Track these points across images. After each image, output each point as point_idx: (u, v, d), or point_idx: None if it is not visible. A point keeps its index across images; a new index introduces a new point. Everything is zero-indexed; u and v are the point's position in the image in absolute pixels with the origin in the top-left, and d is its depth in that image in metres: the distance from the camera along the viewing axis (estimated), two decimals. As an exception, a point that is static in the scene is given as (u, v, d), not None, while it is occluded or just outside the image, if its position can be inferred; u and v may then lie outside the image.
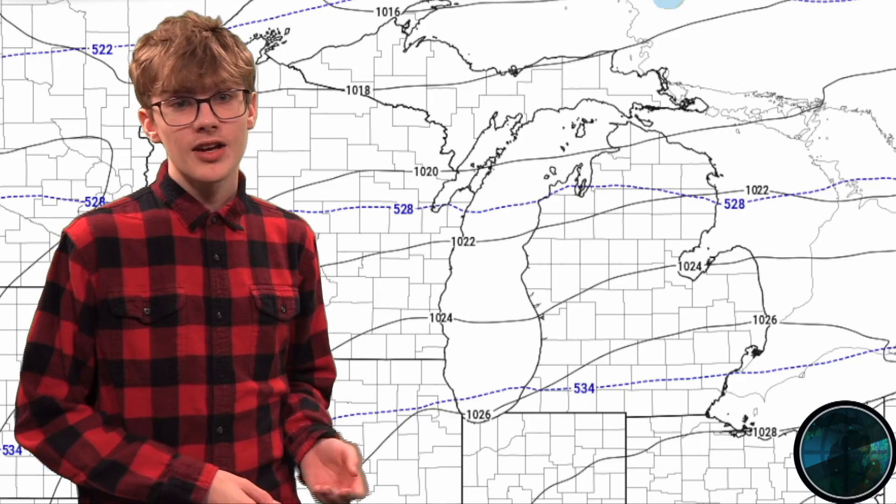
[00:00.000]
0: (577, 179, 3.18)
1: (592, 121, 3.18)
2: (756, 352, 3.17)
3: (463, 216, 3.19)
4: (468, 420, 3.19)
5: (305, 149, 3.18)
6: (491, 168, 3.18)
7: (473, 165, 3.19)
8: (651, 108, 3.17)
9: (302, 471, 2.02)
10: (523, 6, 3.17)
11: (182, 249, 1.96)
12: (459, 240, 3.19)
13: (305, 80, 3.18)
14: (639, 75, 3.17)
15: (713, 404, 3.18)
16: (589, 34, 3.17)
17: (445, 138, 3.19)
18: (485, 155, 3.19)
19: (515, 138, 3.18)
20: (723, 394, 3.17)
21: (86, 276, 1.92)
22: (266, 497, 1.91)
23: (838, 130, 3.16)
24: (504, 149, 3.18)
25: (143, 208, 1.98)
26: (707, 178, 3.18)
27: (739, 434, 3.18)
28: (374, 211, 3.19)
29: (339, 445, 1.99)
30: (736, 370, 3.17)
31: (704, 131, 3.17)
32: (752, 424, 3.17)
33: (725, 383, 3.17)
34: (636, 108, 3.17)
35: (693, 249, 3.18)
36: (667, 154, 3.18)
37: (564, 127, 3.19)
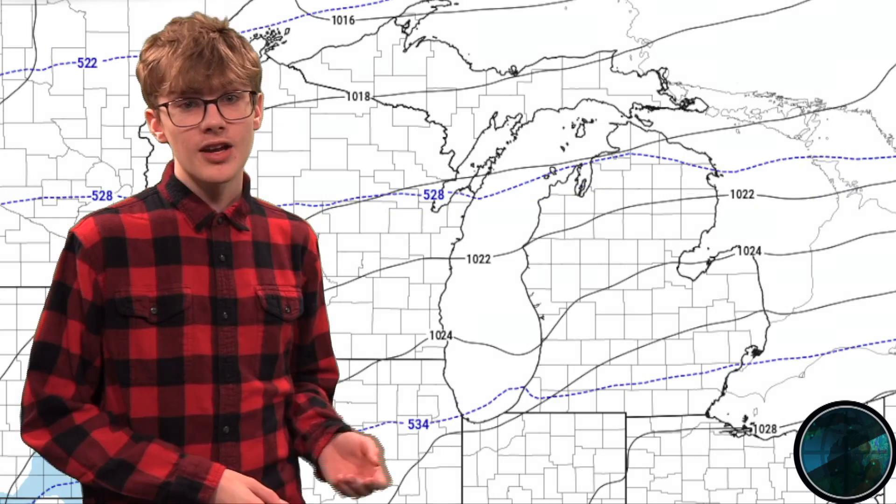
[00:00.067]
0: (577, 179, 3.18)
1: (592, 121, 3.18)
2: (756, 351, 3.17)
3: (463, 216, 3.19)
4: (468, 420, 3.19)
5: (305, 149, 3.18)
6: (491, 168, 3.19)
7: (473, 165, 3.19)
8: (651, 108, 3.18)
9: (320, 466, 2.03)
10: (523, 6, 3.17)
11: (188, 250, 1.96)
12: (459, 240, 3.19)
13: (305, 80, 3.18)
14: (639, 75, 3.18)
15: (713, 404, 3.18)
16: (589, 34, 3.18)
17: (445, 138, 3.19)
18: (485, 155, 3.19)
19: (515, 138, 3.19)
20: (723, 394, 3.18)
21: (93, 276, 1.92)
22: (273, 496, 1.92)
23: (838, 130, 3.16)
24: (504, 149, 3.19)
25: (150, 208, 1.98)
26: (707, 178, 3.18)
27: (739, 434, 3.18)
28: (375, 211, 3.19)
29: (358, 438, 2.00)
30: (736, 370, 3.17)
31: (704, 131, 3.17)
32: (752, 424, 3.18)
33: (725, 383, 3.18)
34: (636, 109, 3.18)
35: (693, 249, 3.18)
36: (667, 154, 3.18)
37: (564, 127, 3.19)
